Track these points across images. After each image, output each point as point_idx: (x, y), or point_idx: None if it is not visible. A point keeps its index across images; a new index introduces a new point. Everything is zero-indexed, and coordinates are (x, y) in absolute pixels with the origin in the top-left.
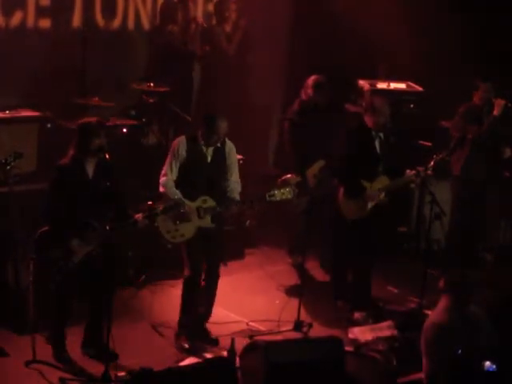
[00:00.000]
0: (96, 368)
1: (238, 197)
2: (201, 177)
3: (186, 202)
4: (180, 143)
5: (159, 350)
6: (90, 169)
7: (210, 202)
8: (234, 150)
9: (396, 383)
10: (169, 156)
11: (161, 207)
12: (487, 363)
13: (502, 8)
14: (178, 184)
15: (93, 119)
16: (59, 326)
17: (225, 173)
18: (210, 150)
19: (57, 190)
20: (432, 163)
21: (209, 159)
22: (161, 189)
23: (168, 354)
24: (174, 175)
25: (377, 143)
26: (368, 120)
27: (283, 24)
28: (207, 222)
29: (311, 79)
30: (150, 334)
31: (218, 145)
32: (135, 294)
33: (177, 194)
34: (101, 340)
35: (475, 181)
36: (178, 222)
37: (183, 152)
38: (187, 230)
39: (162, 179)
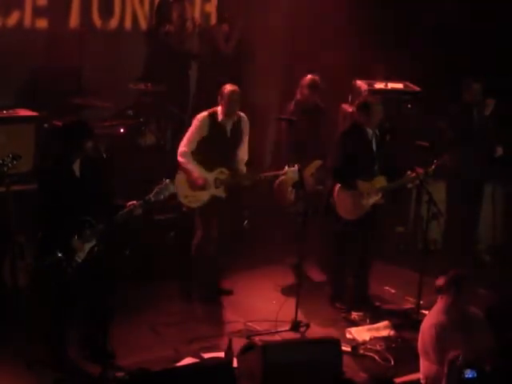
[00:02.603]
0: (94, 368)
1: (243, 167)
2: (220, 150)
3: (205, 172)
4: (203, 121)
5: (157, 350)
6: (76, 167)
7: (226, 174)
8: (248, 123)
9: None
10: (190, 130)
11: (152, 193)
12: (467, 370)
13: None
14: (198, 155)
15: (77, 119)
16: (59, 327)
17: (240, 146)
18: (229, 124)
19: (46, 192)
20: (433, 167)
21: (228, 134)
22: (180, 159)
23: (166, 354)
24: (191, 148)
25: (373, 142)
26: (362, 119)
27: (282, 24)
28: (221, 191)
29: (306, 79)
30: (148, 334)
31: (235, 119)
32: (133, 294)
33: (195, 168)
34: (98, 340)
35: (469, 180)
36: (195, 189)
37: (205, 128)
38: (203, 196)
39: (182, 150)
